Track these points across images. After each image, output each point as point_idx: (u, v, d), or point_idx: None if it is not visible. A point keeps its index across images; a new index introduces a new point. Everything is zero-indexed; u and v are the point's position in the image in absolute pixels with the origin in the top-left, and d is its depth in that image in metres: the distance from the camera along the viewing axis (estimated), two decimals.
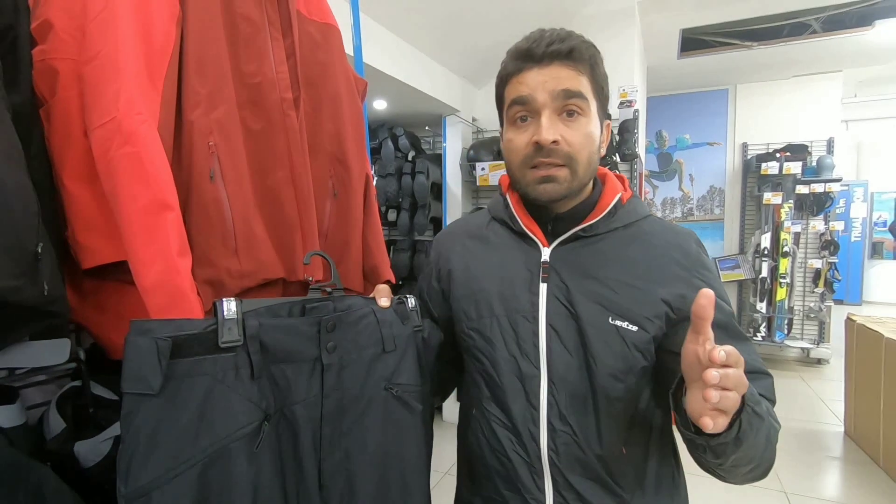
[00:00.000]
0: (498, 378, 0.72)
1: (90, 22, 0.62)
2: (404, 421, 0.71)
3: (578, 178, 0.70)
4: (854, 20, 3.43)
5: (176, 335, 0.52)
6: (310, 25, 0.93)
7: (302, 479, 0.62)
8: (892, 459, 2.53)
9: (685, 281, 0.70)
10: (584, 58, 0.69)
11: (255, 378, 0.57)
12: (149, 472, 0.49)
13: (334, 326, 0.65)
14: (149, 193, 0.58)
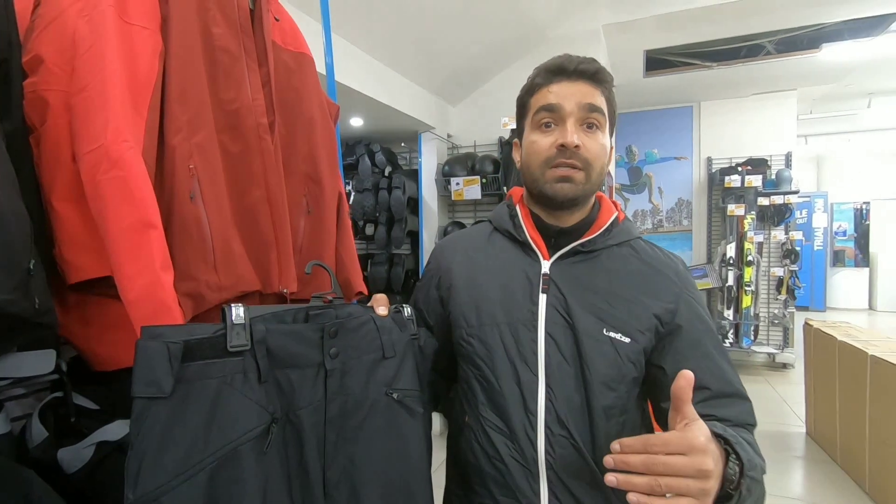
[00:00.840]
0: (497, 384, 0.74)
1: (79, 57, 0.67)
2: (406, 424, 0.74)
3: (591, 184, 0.76)
4: (804, 43, 3.67)
5: (187, 339, 0.54)
6: (285, 54, 1.00)
7: (307, 484, 0.63)
8: (848, 458, 2.66)
9: (675, 297, 0.75)
10: (606, 80, 0.77)
11: (262, 382, 0.59)
12: (159, 476, 0.51)
13: (336, 332, 0.68)
14: (134, 213, 0.63)
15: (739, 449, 0.57)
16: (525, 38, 3.11)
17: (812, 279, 7.87)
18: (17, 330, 0.64)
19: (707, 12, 2.95)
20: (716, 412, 0.69)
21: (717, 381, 0.72)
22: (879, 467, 2.34)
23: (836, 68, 4.08)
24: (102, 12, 0.68)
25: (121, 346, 0.77)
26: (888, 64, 4.11)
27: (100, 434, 0.78)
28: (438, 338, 0.85)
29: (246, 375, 0.59)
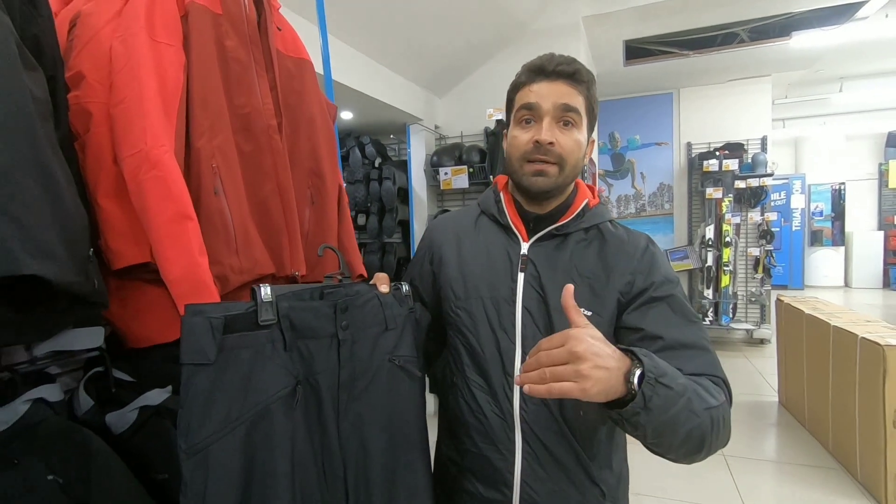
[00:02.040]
0: (480, 350, 0.85)
1: (116, 73, 0.78)
2: (405, 386, 0.86)
3: (564, 177, 0.84)
4: (776, 31, 3.81)
5: (225, 315, 0.66)
6: (287, 61, 1.10)
7: (325, 436, 0.75)
8: (814, 422, 2.86)
9: (633, 270, 0.84)
10: (584, 80, 0.84)
11: (287, 350, 0.71)
12: (206, 429, 0.62)
13: (346, 308, 0.79)
14: (173, 207, 0.74)
15: (643, 356, 0.63)
16: (507, 31, 3.21)
17: (791, 259, 8.14)
18: (77, 308, 0.75)
19: (682, 3, 3.08)
20: (673, 363, 0.70)
21: (670, 332, 0.78)
22: (840, 429, 2.54)
23: (807, 55, 4.24)
24: (135, 34, 0.79)
25: (153, 325, 0.89)
26: (855, 50, 4.28)
27: (142, 400, 0.90)
28: (429, 308, 0.96)
29: (274, 345, 0.71)
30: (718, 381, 0.76)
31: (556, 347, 0.61)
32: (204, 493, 0.63)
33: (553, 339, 0.62)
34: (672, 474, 2.55)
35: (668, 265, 0.88)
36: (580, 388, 0.58)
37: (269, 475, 0.68)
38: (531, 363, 0.62)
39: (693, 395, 0.67)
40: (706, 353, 0.77)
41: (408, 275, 1.04)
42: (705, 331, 0.82)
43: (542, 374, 0.60)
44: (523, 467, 0.82)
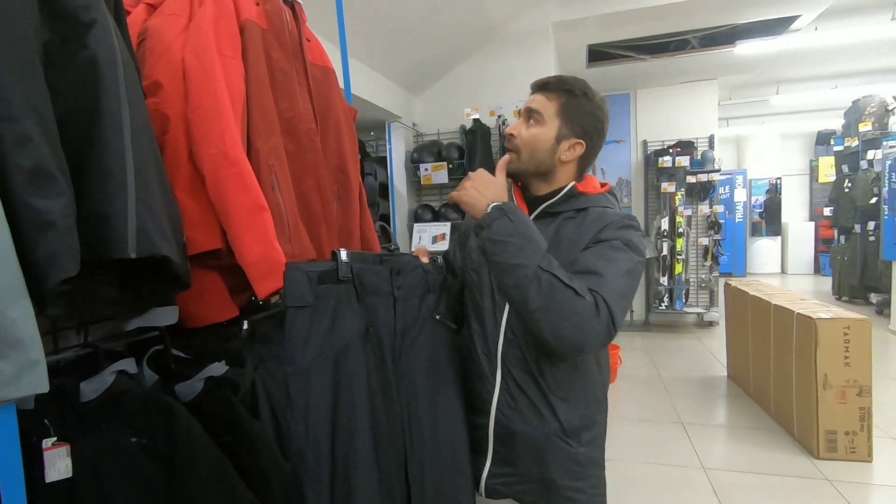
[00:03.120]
0: (481, 303, 1.05)
1: (192, 82, 0.89)
2: (444, 337, 1.05)
3: (522, 163, 1.01)
4: (722, 39, 4.17)
5: (315, 270, 0.85)
6: (315, 69, 1.23)
7: (385, 373, 0.95)
8: (758, 391, 3.22)
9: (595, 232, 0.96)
10: (551, 89, 1.02)
11: (359, 301, 0.90)
12: (306, 357, 0.81)
13: (399, 272, 0.99)
14: (250, 200, 0.87)
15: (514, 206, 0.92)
16: (481, 34, 3.39)
17: (734, 248, 8.77)
18: (162, 289, 0.86)
19: (641, 13, 3.35)
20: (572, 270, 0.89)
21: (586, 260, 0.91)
22: (779, 395, 2.88)
23: (748, 61, 4.65)
24: (206, 48, 0.90)
25: (209, 306, 1.01)
26: (790, 57, 4.74)
27: (206, 371, 1.01)
28: (459, 275, 1.16)
29: (350, 296, 0.90)
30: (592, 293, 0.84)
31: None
32: (307, 405, 0.84)
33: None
34: (638, 441, 2.83)
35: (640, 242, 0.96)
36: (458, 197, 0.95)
37: (351, 394, 0.88)
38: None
39: (535, 250, 0.86)
40: (600, 278, 0.86)
41: (446, 252, 1.25)
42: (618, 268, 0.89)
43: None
44: (499, 398, 1.02)
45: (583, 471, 1.00)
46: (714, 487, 2.31)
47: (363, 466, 0.90)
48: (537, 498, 1.01)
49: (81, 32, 0.65)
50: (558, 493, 0.98)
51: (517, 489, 1.02)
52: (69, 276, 0.55)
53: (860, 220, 5.98)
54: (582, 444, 1.00)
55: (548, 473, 0.98)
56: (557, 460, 0.98)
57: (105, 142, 0.64)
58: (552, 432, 0.99)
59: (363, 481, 0.91)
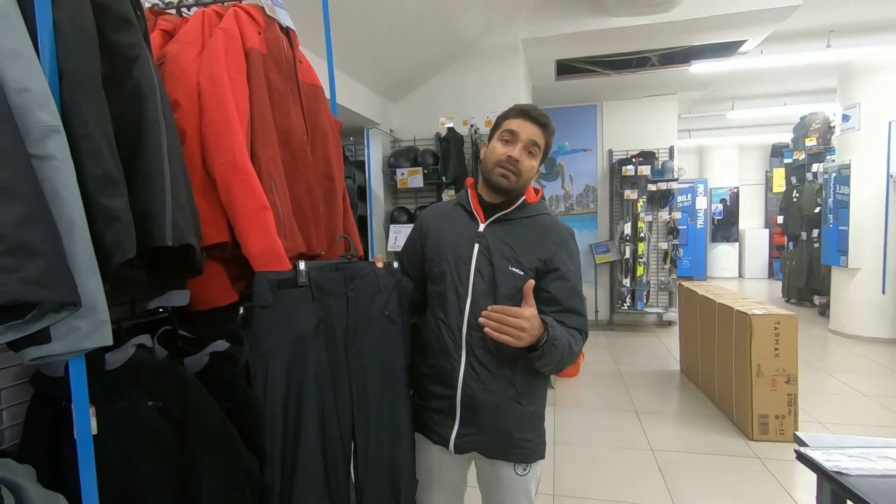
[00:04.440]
0: (445, 294, 1.22)
1: (206, 100, 1.06)
2: (391, 330, 1.23)
3: (517, 185, 1.22)
4: (679, 58, 4.50)
5: (277, 278, 1.02)
6: (306, 87, 1.40)
7: (338, 361, 1.12)
8: (705, 382, 3.51)
9: (554, 250, 1.22)
10: (548, 131, 1.23)
11: (315, 301, 1.07)
12: (266, 345, 0.99)
13: (353, 277, 1.16)
14: (255, 202, 1.04)
15: (549, 327, 1.11)
16: (456, 48, 3.60)
17: (696, 253, 9.24)
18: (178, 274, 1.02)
19: (603, 34, 3.62)
20: (562, 320, 1.18)
21: (567, 301, 1.20)
22: (722, 384, 3.18)
23: (704, 79, 5.01)
24: (218, 73, 1.07)
25: (214, 291, 1.18)
26: (741, 77, 5.13)
27: (211, 347, 1.17)
28: (416, 271, 1.34)
29: (306, 298, 1.08)
30: (581, 334, 1.21)
31: (515, 317, 1.08)
32: (265, 383, 1.03)
33: (512, 311, 1.08)
34: (596, 428, 3.07)
35: (577, 254, 1.29)
36: (516, 342, 1.08)
37: (302, 375, 1.07)
38: (494, 315, 1.08)
39: (566, 348, 1.15)
40: (581, 318, 1.22)
41: (404, 246, 1.42)
42: (583, 302, 1.27)
43: (499, 327, 1.08)
44: (464, 373, 1.21)
45: (531, 423, 1.22)
46: (659, 466, 2.56)
47: (308, 433, 1.08)
48: (497, 449, 1.22)
49: (128, 66, 0.82)
50: (514, 443, 1.20)
51: (481, 444, 1.22)
52: (129, 258, 0.72)
53: (806, 227, 6.45)
54: (531, 403, 1.22)
55: (506, 429, 1.19)
56: (513, 418, 1.19)
57: (148, 153, 0.81)
58: (509, 397, 1.20)
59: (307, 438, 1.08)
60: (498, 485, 1.25)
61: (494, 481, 1.26)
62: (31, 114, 0.64)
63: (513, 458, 1.22)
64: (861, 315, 4.86)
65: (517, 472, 1.22)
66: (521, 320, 1.07)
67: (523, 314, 1.08)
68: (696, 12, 3.38)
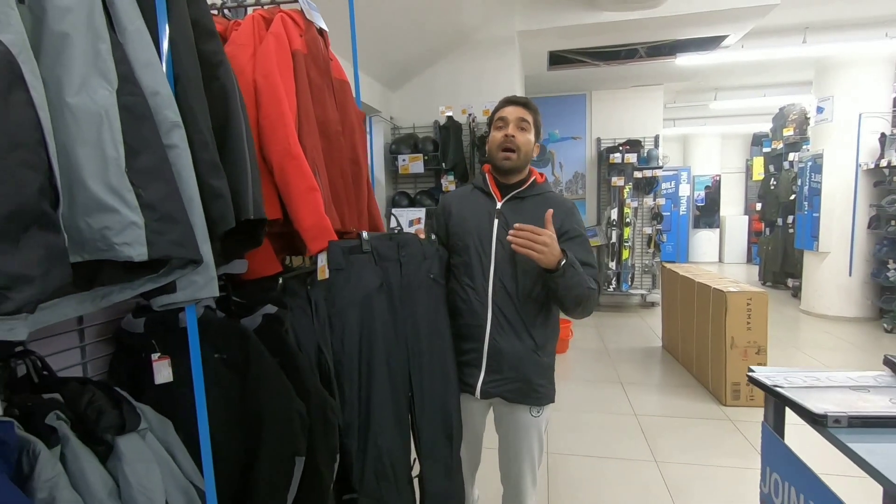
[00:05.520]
0: (471, 263, 1.43)
1: (262, 96, 1.22)
2: (436, 290, 1.44)
3: (520, 160, 1.42)
4: (666, 51, 4.70)
5: (347, 245, 1.22)
6: (336, 82, 1.57)
7: (394, 315, 1.33)
8: (684, 355, 3.79)
9: (563, 218, 1.42)
10: (531, 109, 1.45)
11: (376, 265, 1.27)
12: (341, 301, 1.18)
13: (403, 245, 1.37)
14: (306, 183, 1.22)
15: (569, 254, 1.30)
16: (454, 40, 3.75)
17: (678, 238, 9.58)
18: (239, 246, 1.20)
19: (594, 27, 3.80)
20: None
21: (580, 256, 1.38)
22: (701, 358, 3.45)
23: (688, 71, 5.23)
24: (271, 71, 1.24)
25: (261, 263, 1.36)
26: (723, 69, 5.36)
27: (264, 309, 1.36)
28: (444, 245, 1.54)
29: (369, 262, 1.28)
30: (594, 281, 1.40)
31: (539, 234, 1.26)
32: (343, 333, 1.24)
33: (538, 230, 1.27)
34: (586, 397, 3.33)
35: (582, 221, 1.50)
36: (538, 257, 1.26)
37: (371, 325, 1.29)
38: (522, 233, 1.27)
39: (583, 279, 1.34)
40: (593, 269, 1.42)
41: (430, 226, 1.62)
42: (594, 256, 1.47)
43: (526, 242, 1.26)
44: (491, 328, 1.42)
45: (546, 372, 1.45)
46: (642, 428, 2.82)
47: (379, 372, 1.31)
48: (517, 393, 1.43)
49: (215, 70, 0.99)
50: (532, 388, 1.42)
51: (504, 389, 1.43)
52: (230, 228, 0.90)
53: (782, 214, 6.78)
54: (546, 355, 1.44)
55: (526, 376, 1.41)
56: (532, 366, 1.42)
57: (234, 142, 0.98)
58: (529, 348, 1.42)
59: (379, 382, 1.31)
60: (516, 426, 1.47)
61: (512, 423, 1.47)
62: (161, 112, 0.81)
63: (530, 401, 1.43)
64: (829, 295, 5.20)
65: (532, 413, 1.45)
66: (545, 237, 1.27)
67: (547, 232, 1.28)
68: (682, 9, 3.57)
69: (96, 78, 0.71)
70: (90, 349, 1.26)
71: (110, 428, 0.84)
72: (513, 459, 1.50)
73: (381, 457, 1.34)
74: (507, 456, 1.52)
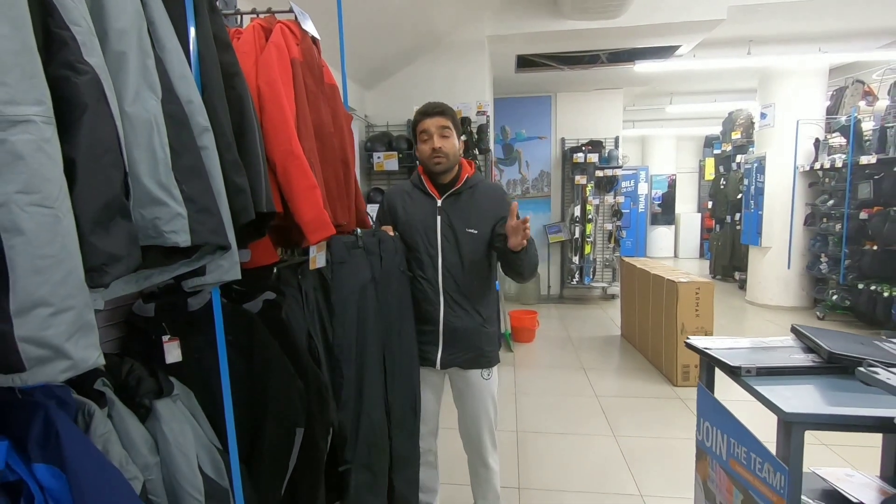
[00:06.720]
0: (421, 257, 1.63)
1: (265, 102, 1.34)
2: (405, 280, 1.62)
3: (450, 162, 1.63)
4: (625, 57, 4.99)
5: (349, 241, 1.38)
6: (326, 87, 1.70)
7: (377, 300, 1.49)
8: (640, 343, 4.09)
9: (498, 207, 1.65)
10: (448, 114, 1.63)
11: (367, 258, 1.43)
12: (342, 292, 1.34)
13: (382, 241, 1.53)
14: (308, 181, 1.35)
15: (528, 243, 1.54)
16: (426, 42, 3.89)
17: (637, 235, 10.04)
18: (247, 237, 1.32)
19: (561, 34, 4.03)
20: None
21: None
22: (655, 344, 3.75)
23: (646, 76, 5.56)
24: (274, 79, 1.37)
25: (260, 253, 1.48)
26: (677, 76, 5.73)
27: (264, 296, 1.48)
28: None
29: (363, 257, 1.44)
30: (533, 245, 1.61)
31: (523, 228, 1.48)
32: (343, 318, 1.39)
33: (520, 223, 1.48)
34: (549, 381, 3.56)
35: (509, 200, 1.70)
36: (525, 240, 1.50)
37: (366, 314, 1.45)
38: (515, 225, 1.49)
39: (534, 252, 1.59)
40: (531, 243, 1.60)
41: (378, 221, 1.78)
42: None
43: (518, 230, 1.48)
44: (444, 311, 1.63)
45: (492, 339, 1.68)
46: (602, 408, 3.07)
47: (370, 353, 1.48)
48: (471, 361, 1.65)
49: (231, 79, 1.11)
50: (482, 353, 1.65)
51: (459, 359, 1.65)
52: (251, 219, 1.03)
53: (731, 212, 7.26)
54: (490, 325, 1.67)
55: (477, 345, 1.65)
56: (481, 337, 1.65)
57: (249, 143, 1.11)
58: (478, 323, 1.65)
59: (371, 362, 1.48)
60: (471, 391, 1.69)
61: (467, 388, 1.69)
62: (195, 118, 0.93)
63: (481, 365, 1.66)
64: (770, 287, 5.66)
65: (483, 377, 1.67)
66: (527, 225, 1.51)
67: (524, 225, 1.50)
68: (639, 20, 3.85)
69: (146, 90, 0.83)
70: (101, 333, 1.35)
71: (150, 392, 0.96)
72: (472, 424, 1.71)
73: (373, 428, 1.51)
74: (467, 423, 1.72)
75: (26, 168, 0.58)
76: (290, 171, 1.35)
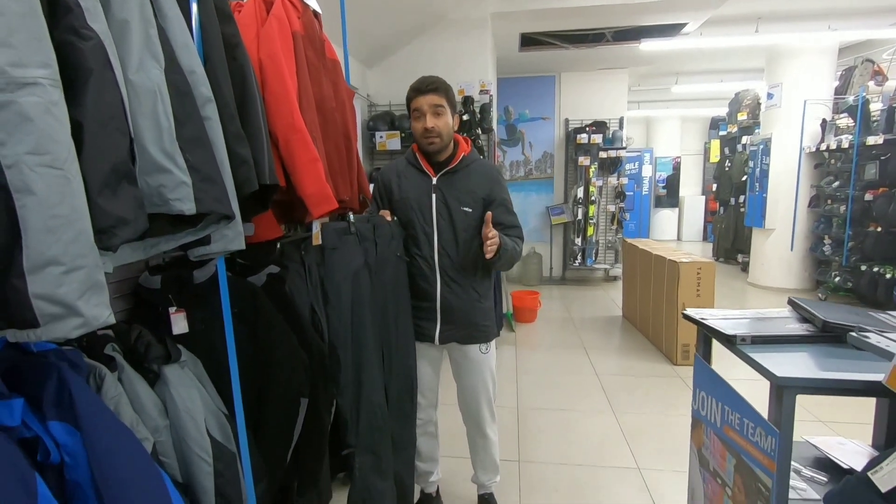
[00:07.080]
0: (417, 236, 1.64)
1: (267, 75, 1.34)
2: (402, 266, 1.64)
3: (444, 141, 1.61)
4: (631, 35, 4.92)
5: (340, 228, 1.39)
6: (328, 62, 1.70)
7: (373, 288, 1.50)
8: (641, 323, 4.12)
9: (490, 187, 1.66)
10: (442, 90, 1.60)
11: (360, 244, 1.45)
12: (335, 276, 1.35)
13: (377, 227, 1.54)
14: (309, 154, 1.36)
15: (504, 238, 1.56)
16: (429, 19, 3.84)
17: (640, 217, 10.01)
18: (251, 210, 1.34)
19: (563, 11, 3.96)
20: (506, 233, 1.62)
21: (506, 220, 1.65)
22: (656, 324, 3.77)
23: (651, 55, 5.48)
24: (275, 52, 1.36)
25: (264, 227, 1.50)
26: (683, 55, 5.64)
27: (268, 269, 1.51)
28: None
29: (355, 243, 1.46)
30: (520, 239, 1.67)
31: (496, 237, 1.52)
32: (338, 304, 1.41)
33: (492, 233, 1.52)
34: (552, 361, 3.60)
35: (504, 183, 1.73)
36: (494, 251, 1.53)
37: (360, 300, 1.47)
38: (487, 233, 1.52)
39: (514, 250, 1.61)
40: (517, 228, 1.68)
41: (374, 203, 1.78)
42: (517, 216, 1.72)
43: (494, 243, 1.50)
44: (440, 288, 1.65)
45: (488, 314, 1.71)
46: (602, 385, 3.11)
47: (366, 338, 1.50)
48: (468, 336, 1.68)
49: (233, 50, 1.11)
50: (478, 329, 1.68)
51: (457, 335, 1.68)
52: (254, 191, 1.04)
53: (735, 194, 7.22)
54: (486, 300, 1.70)
55: (474, 320, 1.67)
56: (477, 312, 1.67)
57: (251, 116, 1.12)
58: (473, 300, 1.66)
59: (367, 346, 1.50)
60: (469, 365, 1.72)
61: (465, 362, 1.72)
62: (197, 88, 0.94)
63: (478, 339, 1.69)
64: (773, 269, 5.66)
65: (481, 350, 1.70)
66: (497, 238, 1.53)
67: (493, 232, 1.53)
68: None
69: (149, 59, 0.83)
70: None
71: (158, 358, 0.99)
72: (471, 397, 1.74)
73: (374, 411, 1.55)
74: (466, 396, 1.76)
75: (35, 129, 0.59)
76: (292, 144, 1.36)
